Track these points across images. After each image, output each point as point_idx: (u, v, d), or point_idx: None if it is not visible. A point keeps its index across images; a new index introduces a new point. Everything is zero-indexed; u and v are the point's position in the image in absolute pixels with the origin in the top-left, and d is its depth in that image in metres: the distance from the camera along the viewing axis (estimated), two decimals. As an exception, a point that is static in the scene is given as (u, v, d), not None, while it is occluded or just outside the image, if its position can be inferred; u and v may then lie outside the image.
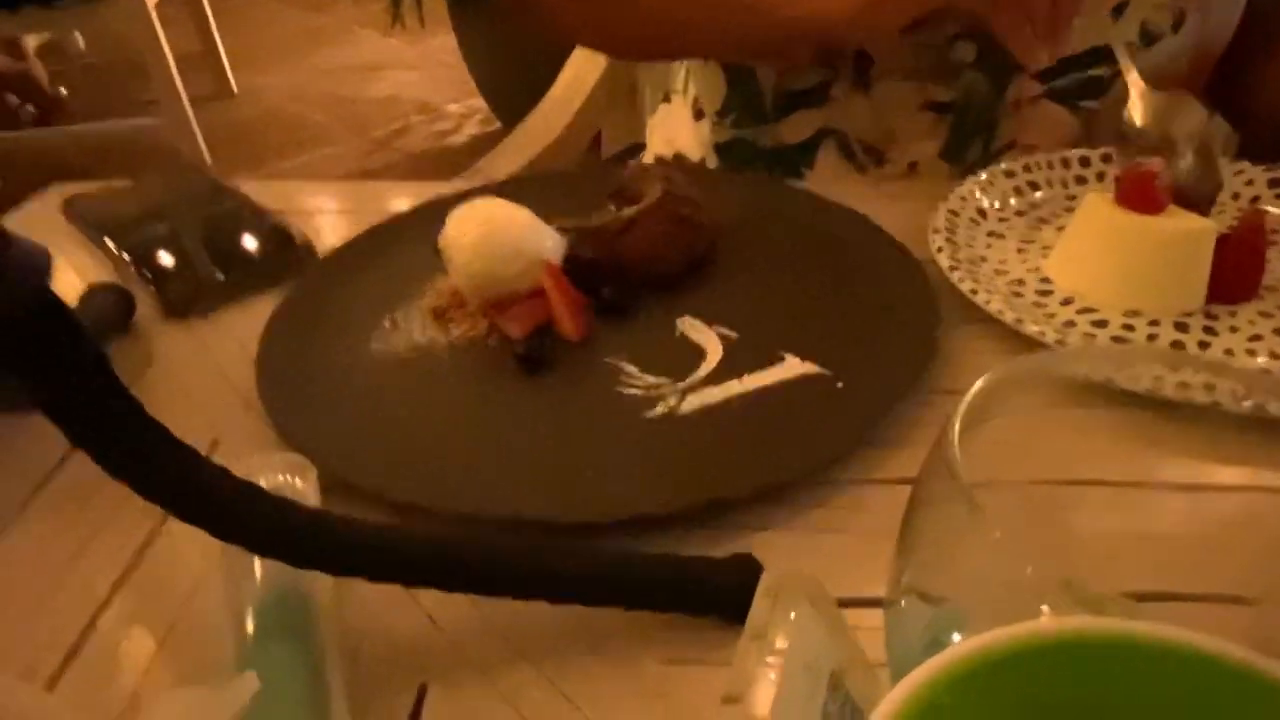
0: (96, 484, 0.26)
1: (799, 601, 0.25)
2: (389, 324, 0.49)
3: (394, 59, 2.91)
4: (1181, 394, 0.26)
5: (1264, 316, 0.45)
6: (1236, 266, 0.46)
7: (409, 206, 0.59)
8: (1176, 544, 0.28)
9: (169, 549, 0.38)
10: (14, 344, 0.24)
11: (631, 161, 0.82)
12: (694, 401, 0.43)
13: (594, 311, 0.49)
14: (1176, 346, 0.44)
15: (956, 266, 0.48)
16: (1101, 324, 0.46)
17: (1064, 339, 0.43)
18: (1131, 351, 0.37)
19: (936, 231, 0.50)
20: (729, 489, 0.37)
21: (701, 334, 0.47)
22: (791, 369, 0.44)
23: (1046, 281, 0.49)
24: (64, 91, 2.61)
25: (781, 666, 0.23)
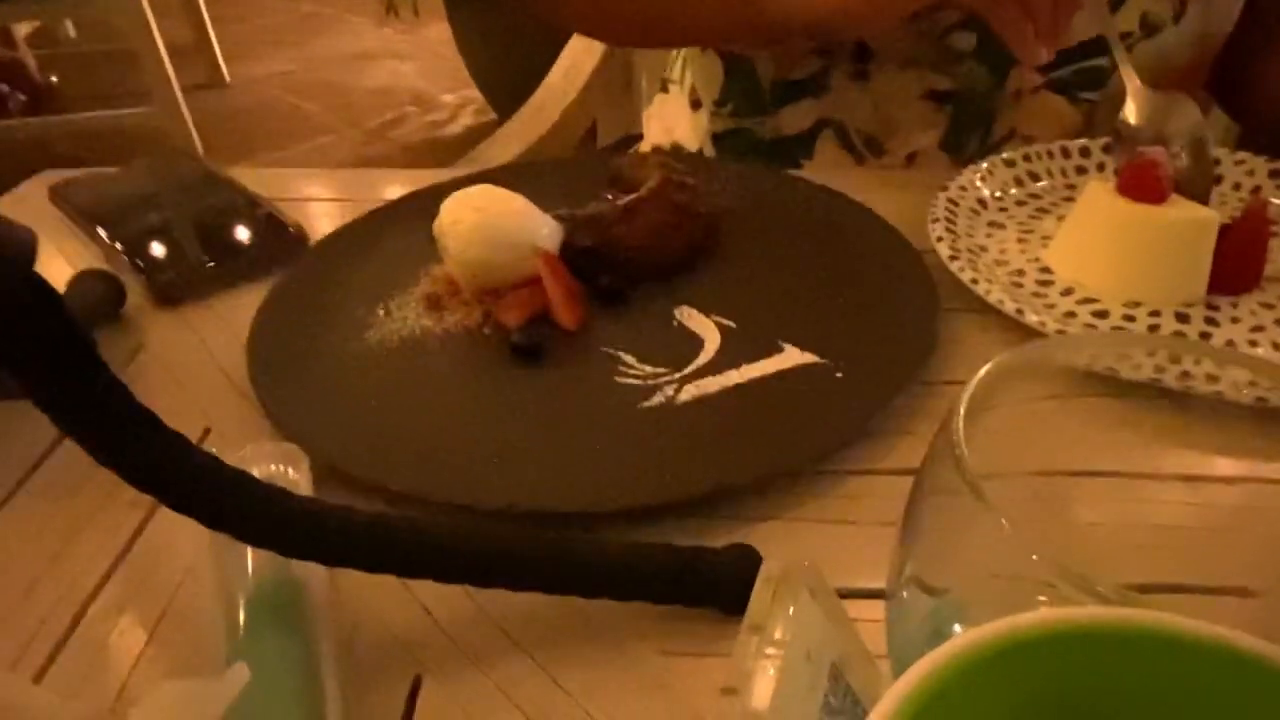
0: (86, 473, 0.26)
1: (799, 593, 0.24)
2: (383, 312, 0.49)
3: (388, 49, 2.90)
4: (1184, 384, 0.26)
5: (1265, 307, 0.45)
6: (1238, 257, 0.45)
7: (403, 194, 0.58)
8: (1179, 535, 0.28)
9: (160, 538, 0.38)
10: (1, 329, 0.24)
11: (629, 150, 0.82)
12: (692, 391, 0.42)
13: (590, 300, 0.48)
14: (1177, 337, 0.44)
15: (956, 256, 0.48)
16: (1102, 314, 0.45)
17: (1065, 329, 0.43)
18: (1133, 338, 0.37)
19: (936, 221, 0.50)
20: (727, 479, 0.37)
21: (699, 323, 0.47)
22: (790, 359, 0.44)
23: (1047, 271, 0.49)
24: (54, 80, 2.59)
25: (781, 658, 0.23)
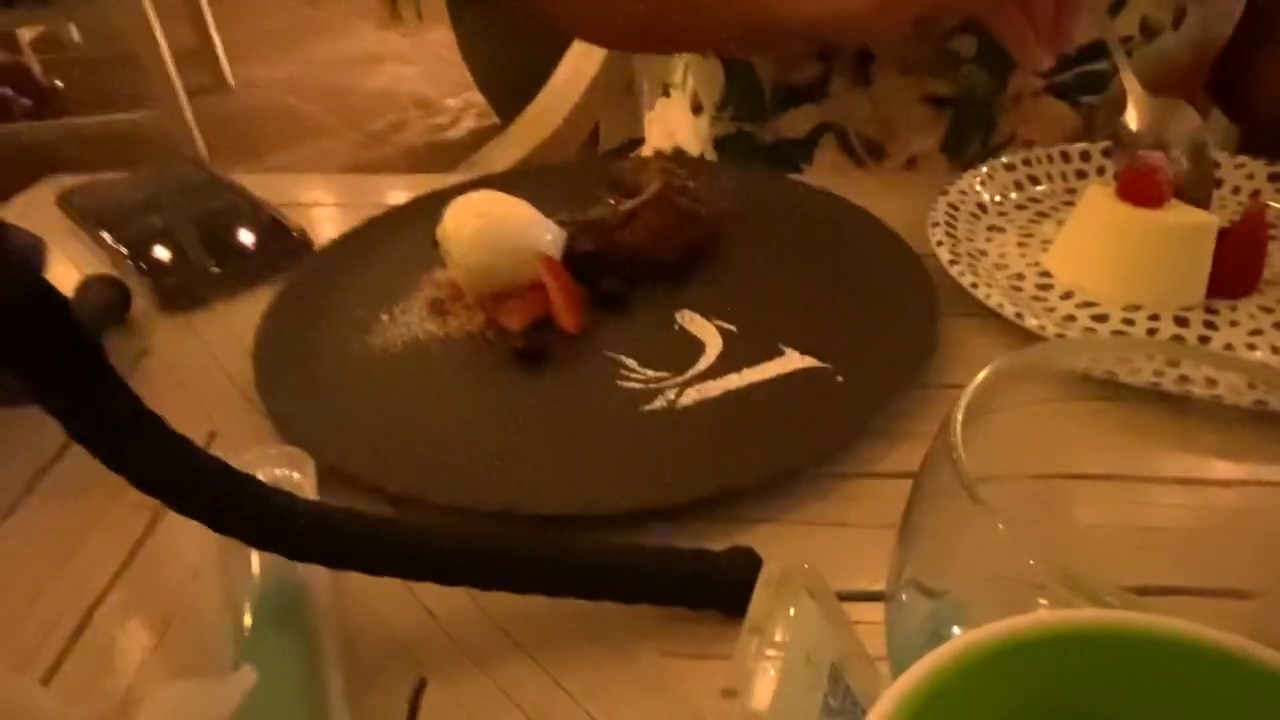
0: (93, 477, 0.26)
1: (799, 595, 0.25)
2: (386, 317, 0.49)
3: (391, 52, 2.91)
4: (1182, 388, 0.26)
5: (1264, 311, 0.45)
6: (1237, 261, 0.46)
7: (406, 199, 0.59)
8: (1177, 537, 0.28)
9: (166, 542, 0.38)
10: (9, 335, 0.24)
11: (630, 155, 0.82)
12: (693, 395, 0.43)
13: (592, 304, 0.48)
14: (1176, 341, 0.44)
15: (956, 260, 0.48)
16: (1102, 318, 0.45)
17: (1064, 333, 0.43)
18: (1132, 343, 0.37)
19: (936, 225, 0.50)
20: (728, 481, 0.37)
21: (701, 327, 0.47)
22: (791, 362, 0.44)
23: (1047, 275, 0.49)
24: (59, 84, 2.60)
25: (781, 660, 0.23)
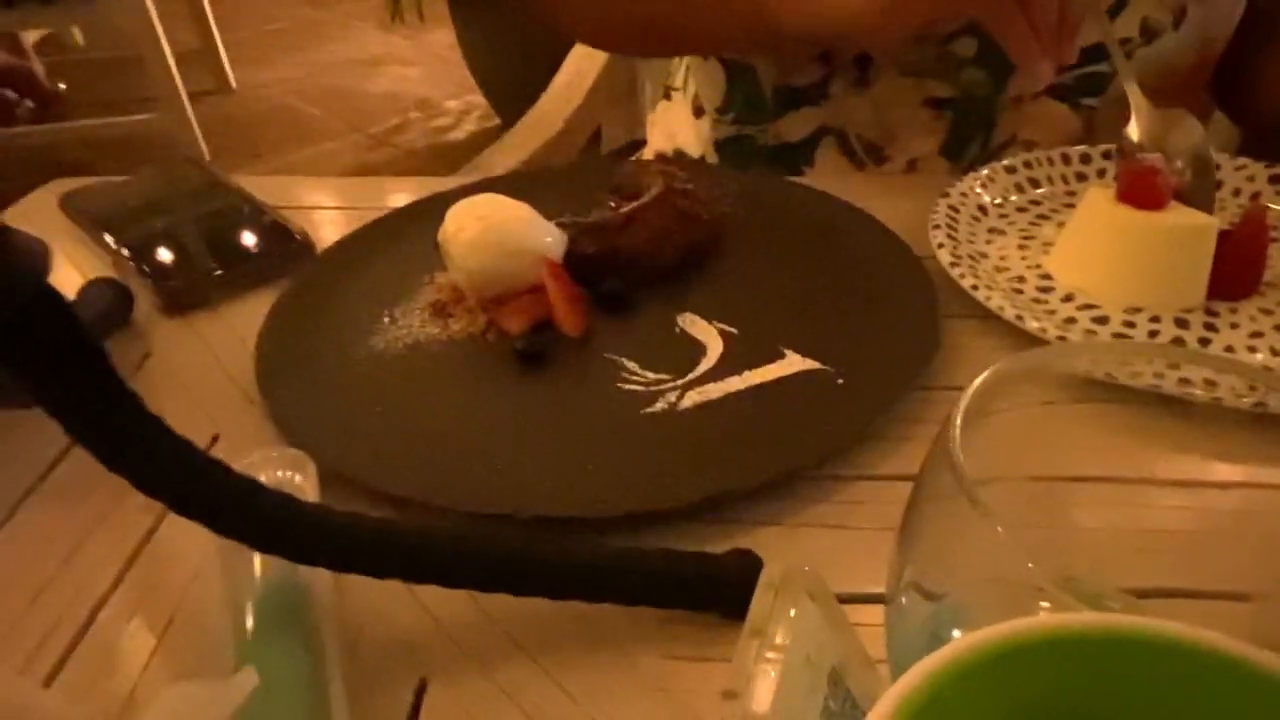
0: (95, 479, 0.26)
1: (799, 597, 0.25)
2: (388, 319, 0.49)
3: (393, 54, 2.91)
4: (1182, 390, 0.26)
5: (1265, 313, 0.45)
6: (1238, 263, 0.46)
7: (408, 202, 0.59)
8: (1177, 540, 0.28)
9: (168, 544, 0.38)
10: (12, 338, 0.24)
11: (632, 157, 0.82)
12: (694, 398, 0.43)
13: (594, 307, 0.48)
14: (1177, 343, 0.44)
15: (957, 262, 0.48)
16: (1102, 320, 0.45)
17: (1065, 335, 0.43)
18: (1133, 347, 0.37)
19: (937, 227, 0.50)
20: (729, 484, 0.37)
21: (702, 330, 0.47)
22: (792, 365, 0.44)
23: (1047, 278, 0.49)
24: (62, 87, 2.60)
25: (782, 662, 0.23)
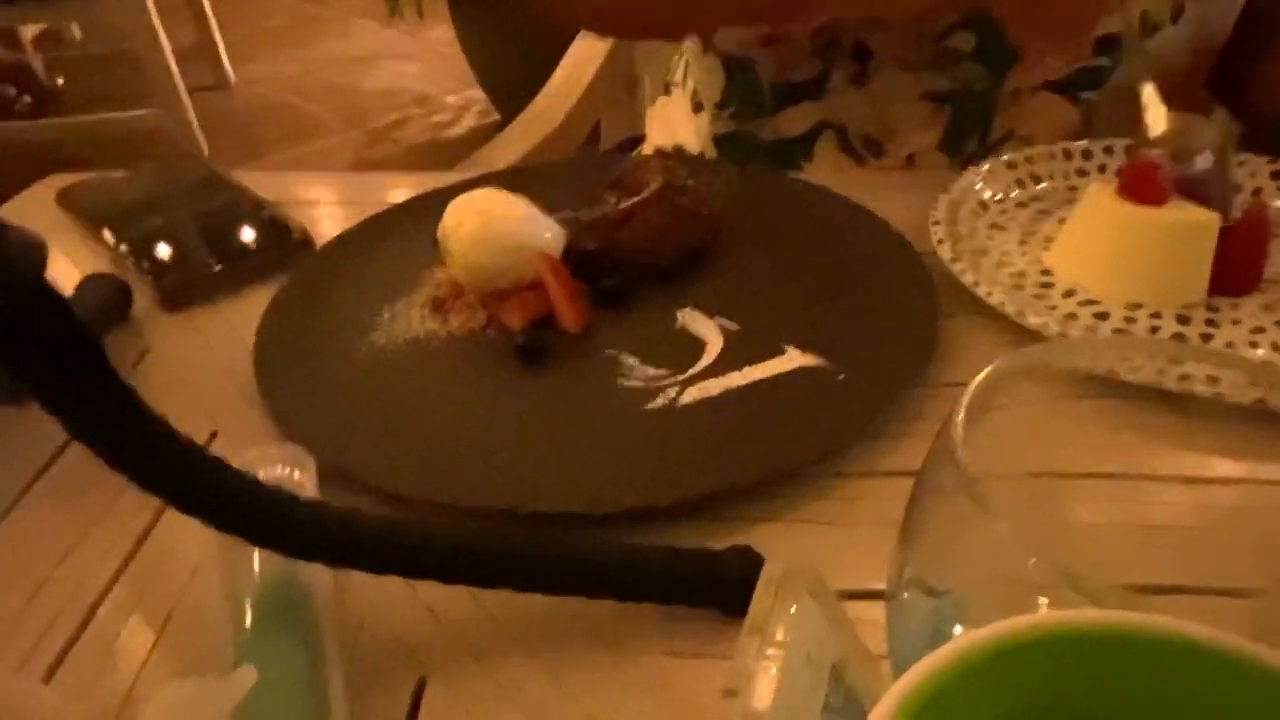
0: (94, 475, 0.26)
1: (800, 594, 0.25)
2: (387, 315, 0.49)
3: (392, 50, 2.90)
4: (1183, 386, 0.26)
5: (1266, 309, 0.45)
6: (1239, 259, 0.45)
7: (407, 197, 0.59)
8: (1178, 536, 0.28)
9: (166, 540, 0.38)
10: (9, 334, 0.24)
11: (632, 152, 0.82)
12: (694, 393, 0.43)
13: (593, 303, 0.48)
14: (1178, 339, 0.44)
15: (958, 258, 0.48)
16: (1103, 316, 0.45)
17: (1066, 331, 0.43)
18: (1134, 343, 0.37)
19: (938, 223, 0.50)
20: (729, 481, 0.37)
21: (702, 326, 0.47)
22: (792, 361, 0.44)
23: (1048, 274, 0.49)
24: (60, 82, 2.60)
25: (782, 659, 0.23)
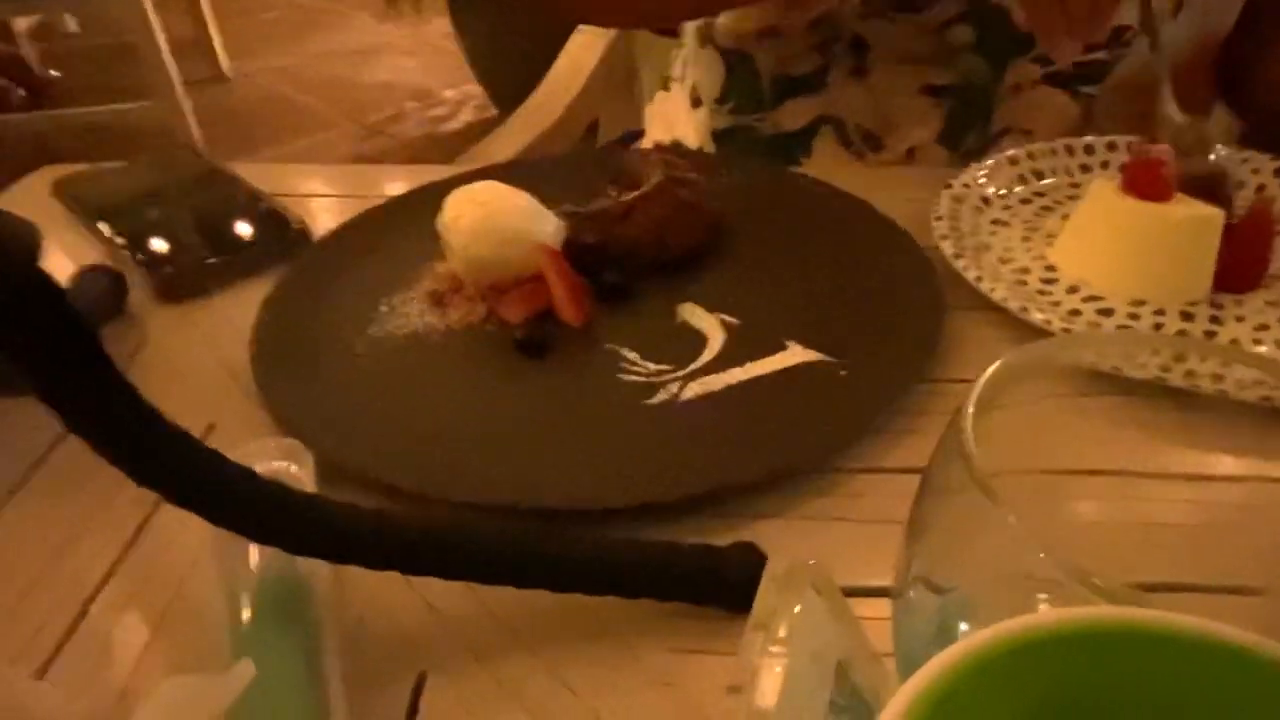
0: (90, 469, 0.26)
1: (804, 591, 0.24)
2: (386, 308, 0.49)
3: (389, 44, 2.90)
4: (1188, 383, 0.26)
5: (1270, 306, 0.45)
6: (1243, 255, 0.45)
7: (406, 190, 0.58)
8: (1183, 533, 0.28)
9: (163, 534, 0.38)
10: (4, 325, 0.24)
11: (632, 146, 0.82)
12: (696, 389, 0.42)
13: (594, 297, 0.48)
14: (1182, 336, 0.44)
15: (961, 254, 0.47)
16: (1107, 312, 0.45)
17: (1069, 327, 0.43)
18: (1139, 339, 0.36)
19: (940, 219, 0.50)
20: (732, 477, 0.37)
21: (703, 320, 0.47)
22: (794, 356, 0.44)
23: (1051, 269, 0.49)
24: (55, 74, 2.59)
25: (787, 656, 0.23)
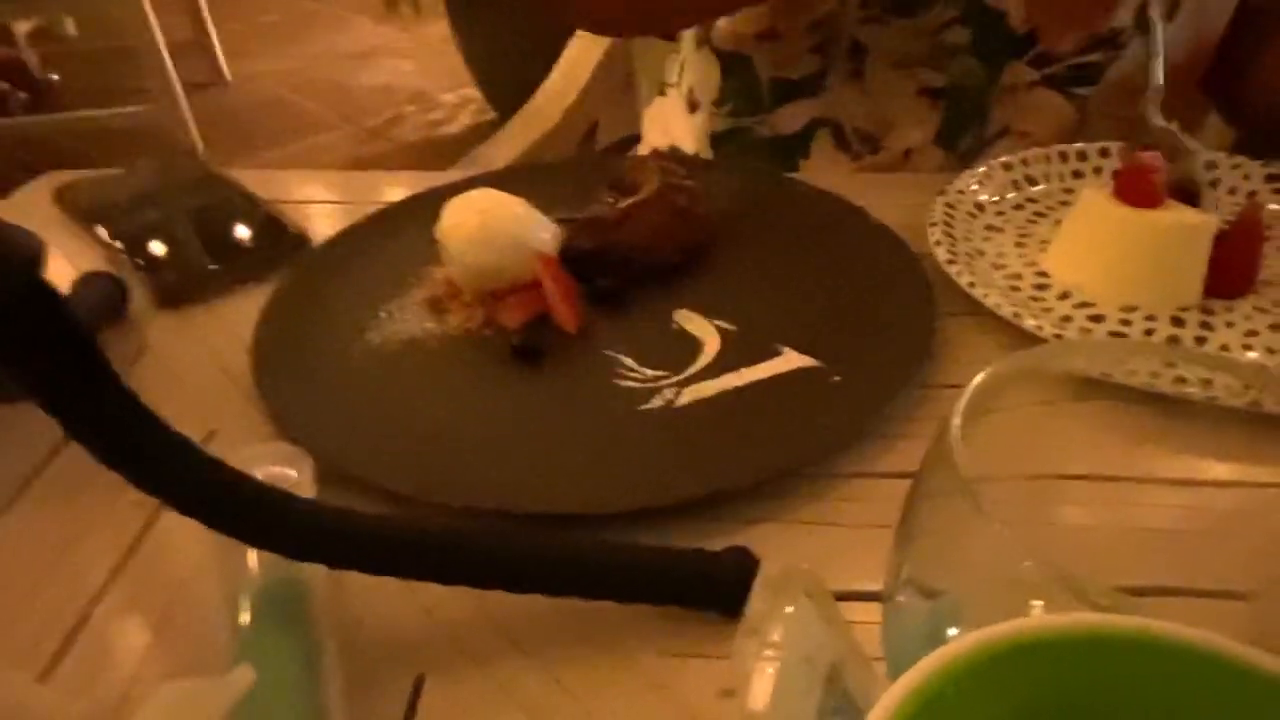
0: (90, 474, 0.26)
1: (796, 595, 0.25)
2: (384, 314, 0.49)
3: (388, 47, 2.90)
4: (1178, 389, 0.26)
5: (1260, 312, 0.45)
6: (1233, 261, 0.46)
7: (404, 196, 0.59)
8: (1172, 539, 0.28)
9: (164, 539, 0.38)
10: (5, 332, 0.24)
11: (628, 153, 0.82)
12: (691, 394, 0.43)
13: (590, 303, 0.48)
14: (1173, 341, 0.44)
15: (954, 260, 0.48)
16: (1099, 318, 0.46)
17: (1061, 333, 0.43)
18: (1129, 346, 0.37)
19: (934, 225, 0.50)
20: (726, 482, 0.37)
21: (699, 326, 0.47)
22: (788, 362, 0.44)
23: (1044, 275, 0.49)
24: (55, 78, 2.59)
25: (779, 660, 0.23)
